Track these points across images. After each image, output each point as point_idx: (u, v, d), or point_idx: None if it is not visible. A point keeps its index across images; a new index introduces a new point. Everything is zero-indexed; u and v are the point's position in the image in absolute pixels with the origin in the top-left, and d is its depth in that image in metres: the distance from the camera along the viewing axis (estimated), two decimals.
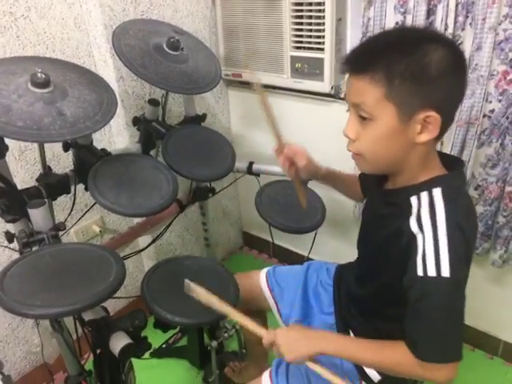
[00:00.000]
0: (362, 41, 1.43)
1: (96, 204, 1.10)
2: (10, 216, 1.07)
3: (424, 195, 0.81)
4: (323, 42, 1.52)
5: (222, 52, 1.86)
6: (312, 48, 1.57)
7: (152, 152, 1.51)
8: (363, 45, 0.83)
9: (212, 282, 1.13)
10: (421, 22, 1.29)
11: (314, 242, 1.53)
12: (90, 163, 1.15)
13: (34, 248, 1.04)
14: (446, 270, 0.74)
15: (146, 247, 1.60)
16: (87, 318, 0.98)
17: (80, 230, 1.65)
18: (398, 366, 0.83)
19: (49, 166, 1.22)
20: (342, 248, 1.96)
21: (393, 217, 0.86)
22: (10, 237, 1.10)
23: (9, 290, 0.82)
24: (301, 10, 1.54)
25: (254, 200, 1.41)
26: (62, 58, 1.42)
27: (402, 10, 1.33)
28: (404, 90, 0.74)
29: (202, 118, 1.57)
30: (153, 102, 1.43)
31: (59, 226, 1.09)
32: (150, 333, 1.05)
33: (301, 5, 1.53)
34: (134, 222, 1.70)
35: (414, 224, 0.80)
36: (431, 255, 0.76)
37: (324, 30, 1.50)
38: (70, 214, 1.41)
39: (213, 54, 1.49)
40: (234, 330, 1.59)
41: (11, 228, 1.11)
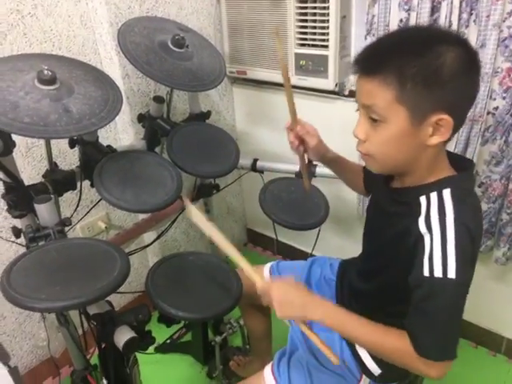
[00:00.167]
0: (370, 41, 1.41)
1: (101, 200, 1.11)
2: (17, 211, 1.09)
3: (433, 196, 0.80)
4: (327, 40, 1.52)
5: (227, 49, 1.86)
6: (316, 45, 1.57)
7: (157, 149, 1.52)
8: (373, 45, 0.81)
9: (216, 277, 1.15)
10: (425, 19, 1.29)
11: (317, 239, 1.53)
12: (96, 160, 1.16)
13: (41, 243, 1.05)
14: (452, 272, 0.74)
15: (151, 243, 1.61)
16: (92, 312, 0.99)
17: (86, 226, 1.67)
18: (397, 352, 0.82)
19: (55, 163, 1.23)
20: (345, 245, 1.97)
21: (401, 216, 0.86)
22: (17, 232, 1.12)
23: (15, 283, 0.83)
24: (305, 7, 1.54)
25: (258, 197, 1.41)
26: (68, 55, 1.43)
27: (406, 7, 1.33)
28: (416, 94, 0.73)
29: (207, 115, 1.58)
30: (158, 100, 1.43)
31: (65, 222, 1.10)
32: (155, 328, 1.06)
33: (305, 2, 1.53)
34: (139, 218, 1.72)
35: (422, 224, 0.79)
36: (438, 256, 0.75)
37: (328, 27, 1.50)
38: (76, 209, 1.43)
39: (217, 52, 1.50)
40: (237, 326, 1.61)
41: (18, 223, 1.13)
